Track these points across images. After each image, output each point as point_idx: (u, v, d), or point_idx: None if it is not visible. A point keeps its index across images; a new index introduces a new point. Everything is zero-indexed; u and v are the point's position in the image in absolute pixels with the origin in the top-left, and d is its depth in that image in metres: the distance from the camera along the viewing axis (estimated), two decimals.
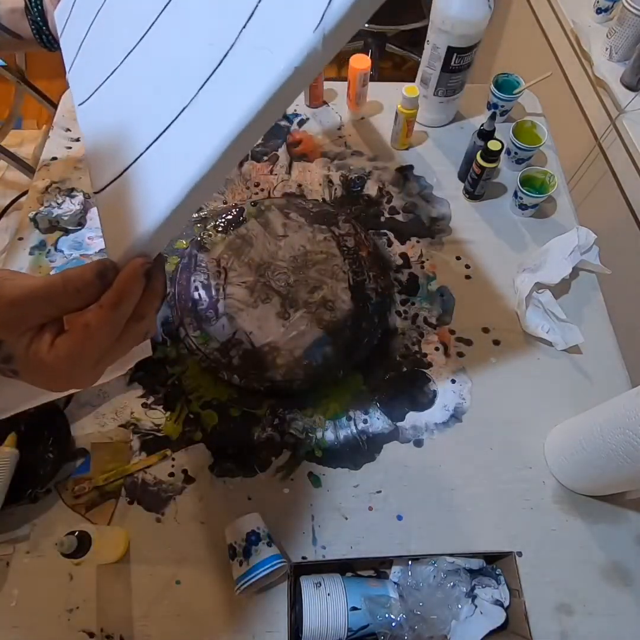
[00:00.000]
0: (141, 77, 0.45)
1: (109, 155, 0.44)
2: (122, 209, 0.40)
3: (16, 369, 0.34)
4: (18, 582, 0.62)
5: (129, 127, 0.44)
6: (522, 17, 1.53)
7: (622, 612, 0.63)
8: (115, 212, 0.41)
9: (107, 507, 0.66)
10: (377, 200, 0.92)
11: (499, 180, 0.95)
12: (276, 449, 0.71)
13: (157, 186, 0.38)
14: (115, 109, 0.46)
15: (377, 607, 0.59)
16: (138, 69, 0.46)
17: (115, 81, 0.47)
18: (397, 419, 0.74)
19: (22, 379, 0.35)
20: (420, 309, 0.82)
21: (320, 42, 0.29)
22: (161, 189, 0.38)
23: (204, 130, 0.35)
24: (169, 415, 0.72)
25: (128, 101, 0.45)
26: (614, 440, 0.56)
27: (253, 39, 0.34)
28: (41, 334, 0.33)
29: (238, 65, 0.34)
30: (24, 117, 1.88)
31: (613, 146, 1.12)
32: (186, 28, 0.41)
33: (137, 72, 0.45)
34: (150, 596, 0.62)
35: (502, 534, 0.67)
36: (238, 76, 0.34)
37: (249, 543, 0.60)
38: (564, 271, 0.80)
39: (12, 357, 0.33)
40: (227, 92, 0.35)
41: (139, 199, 0.39)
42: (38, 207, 0.87)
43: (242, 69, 0.34)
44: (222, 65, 0.35)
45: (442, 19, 0.83)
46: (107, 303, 0.33)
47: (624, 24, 1.03)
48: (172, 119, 0.38)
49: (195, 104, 0.37)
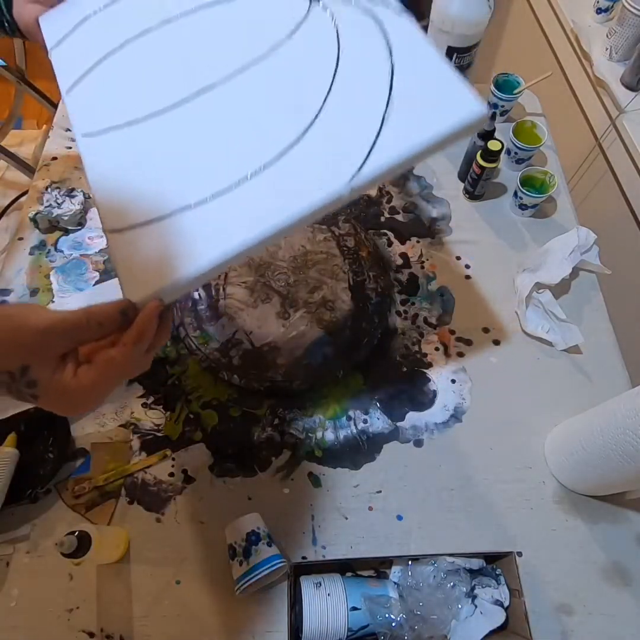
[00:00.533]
0: (190, 137, 0.48)
1: (132, 201, 0.47)
2: (149, 255, 0.44)
3: (37, 394, 0.37)
4: (18, 582, 0.62)
5: (168, 180, 0.47)
6: (522, 17, 1.53)
7: (622, 612, 0.63)
8: (139, 256, 0.44)
9: (107, 507, 0.66)
10: (377, 200, 0.92)
11: (499, 180, 0.95)
12: (276, 449, 0.71)
13: (202, 243, 0.42)
14: (145, 158, 0.49)
15: (377, 607, 0.59)
16: (186, 128, 0.49)
17: (147, 130, 0.50)
18: (397, 419, 0.73)
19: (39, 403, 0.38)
20: (420, 309, 0.82)
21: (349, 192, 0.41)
22: (206, 246, 0.42)
23: (254, 210, 0.43)
24: (169, 415, 0.72)
25: (165, 156, 0.48)
26: (614, 440, 0.56)
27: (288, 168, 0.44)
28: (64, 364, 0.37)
29: (278, 180, 0.44)
30: (24, 117, 1.88)
31: (613, 146, 1.12)
32: (235, 125, 0.47)
33: (182, 132, 0.49)
34: (150, 596, 0.62)
35: (502, 534, 0.67)
36: (280, 188, 0.43)
37: (249, 543, 0.60)
38: (564, 271, 0.80)
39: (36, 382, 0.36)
40: (268, 195, 0.43)
41: (174, 250, 0.43)
42: (38, 207, 0.87)
43: (278, 185, 0.43)
44: (266, 171, 0.44)
45: (442, 19, 0.83)
46: (130, 341, 0.38)
47: (624, 24, 1.03)
48: (225, 188, 0.44)
49: (239, 191, 0.44)
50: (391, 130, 0.42)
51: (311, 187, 0.42)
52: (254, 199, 0.43)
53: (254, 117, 0.47)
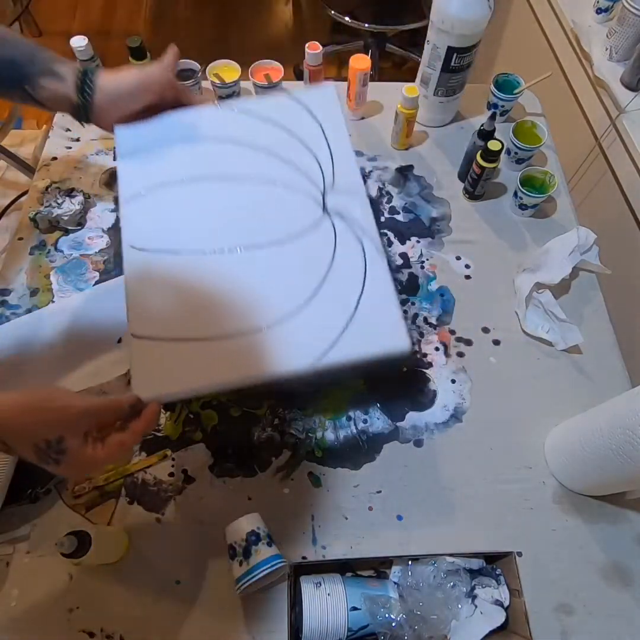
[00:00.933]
0: (217, 281, 0.61)
1: (160, 318, 0.59)
2: (163, 365, 0.56)
3: (62, 460, 0.46)
4: (18, 582, 0.62)
5: (194, 310, 0.60)
6: (522, 17, 1.53)
7: (622, 612, 0.63)
8: (154, 362, 0.56)
9: (107, 507, 0.66)
10: (377, 200, 0.92)
11: (499, 180, 0.95)
12: (276, 449, 0.71)
13: (202, 372, 0.56)
14: (180, 282, 0.61)
15: (377, 607, 0.59)
16: (217, 272, 0.61)
17: (188, 263, 0.62)
18: (397, 419, 0.73)
19: (58, 468, 0.46)
20: (420, 309, 0.82)
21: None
22: (204, 375, 0.56)
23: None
24: (169, 415, 0.72)
25: (196, 289, 0.61)
26: (614, 440, 0.56)
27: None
28: (86, 439, 0.47)
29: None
30: (24, 117, 1.87)
31: (613, 146, 1.12)
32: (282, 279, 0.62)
33: (214, 274, 0.61)
34: (150, 596, 0.62)
35: (502, 534, 0.67)
36: (267, 350, 0.58)
37: (248, 543, 0.60)
38: (564, 271, 0.80)
39: (65, 451, 0.45)
40: (254, 354, 0.58)
41: (184, 367, 0.56)
42: (38, 207, 0.87)
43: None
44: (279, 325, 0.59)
45: (442, 18, 0.83)
46: (139, 431, 0.50)
47: (624, 24, 1.03)
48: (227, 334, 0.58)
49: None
50: (346, 338, 0.58)
51: (285, 360, 0.57)
52: (243, 353, 0.58)
53: (261, 284, 0.61)
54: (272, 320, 0.59)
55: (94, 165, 0.94)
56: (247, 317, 0.59)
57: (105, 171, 0.93)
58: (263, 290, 0.61)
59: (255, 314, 0.59)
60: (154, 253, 0.62)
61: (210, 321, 0.59)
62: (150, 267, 0.62)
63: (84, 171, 0.93)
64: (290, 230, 0.64)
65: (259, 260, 0.63)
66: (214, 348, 0.57)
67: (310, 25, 2.40)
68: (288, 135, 0.70)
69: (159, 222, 0.64)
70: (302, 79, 0.99)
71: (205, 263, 0.62)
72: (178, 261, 0.62)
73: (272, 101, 0.74)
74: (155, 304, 0.60)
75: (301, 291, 0.61)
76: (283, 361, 0.57)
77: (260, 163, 0.68)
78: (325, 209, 0.66)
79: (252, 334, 0.58)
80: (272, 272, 0.62)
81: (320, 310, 0.60)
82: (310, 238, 0.64)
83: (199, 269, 0.62)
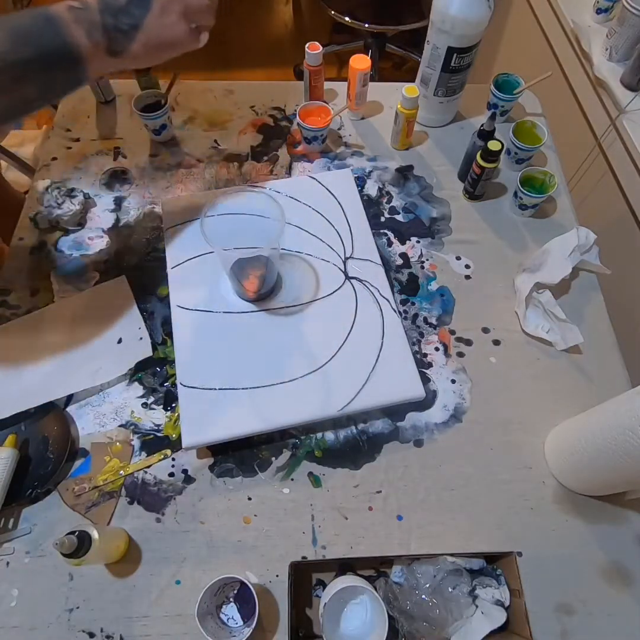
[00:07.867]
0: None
1: (202, 374, 0.70)
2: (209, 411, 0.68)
3: (140, 24, 0.53)
4: (18, 582, 0.62)
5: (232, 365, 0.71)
6: (522, 17, 1.53)
7: (622, 612, 0.63)
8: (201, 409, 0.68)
9: (107, 507, 0.66)
10: (377, 200, 0.92)
11: (499, 180, 0.95)
12: (276, 449, 0.71)
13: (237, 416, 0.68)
14: (220, 348, 0.72)
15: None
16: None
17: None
18: (397, 419, 0.73)
19: (137, 38, 0.53)
20: (420, 309, 0.82)
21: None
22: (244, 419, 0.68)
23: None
24: (169, 415, 0.72)
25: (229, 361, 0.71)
26: (614, 440, 0.56)
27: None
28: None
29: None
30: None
31: (613, 146, 1.12)
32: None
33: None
34: (150, 596, 0.62)
35: (502, 534, 0.67)
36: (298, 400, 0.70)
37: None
38: (564, 271, 0.80)
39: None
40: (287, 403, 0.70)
41: (229, 412, 0.68)
42: (38, 207, 0.87)
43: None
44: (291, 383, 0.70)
45: (442, 19, 0.83)
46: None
47: (624, 24, 1.03)
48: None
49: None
50: (368, 388, 0.69)
51: (315, 407, 0.68)
52: (278, 402, 0.68)
53: (296, 340, 0.73)
54: (304, 372, 0.70)
55: (94, 165, 0.94)
56: (284, 369, 0.70)
57: (105, 171, 0.93)
58: (298, 345, 0.72)
59: (291, 367, 0.70)
60: (194, 311, 0.74)
61: (252, 374, 0.70)
62: (194, 324, 0.73)
63: (84, 171, 0.93)
64: (319, 293, 0.77)
65: (292, 318, 0.74)
66: (255, 396, 0.68)
67: (310, 25, 2.40)
68: (313, 212, 0.83)
69: (193, 287, 0.76)
70: (302, 79, 0.99)
71: (242, 319, 0.74)
72: (216, 319, 0.74)
73: (297, 183, 0.88)
74: (200, 368, 0.70)
75: (329, 346, 0.72)
76: (314, 409, 0.68)
77: (292, 235, 0.81)
78: (346, 274, 0.78)
79: (287, 383, 0.69)
80: (305, 329, 0.73)
81: (345, 363, 0.71)
82: (336, 300, 0.76)
83: (238, 327, 0.73)
